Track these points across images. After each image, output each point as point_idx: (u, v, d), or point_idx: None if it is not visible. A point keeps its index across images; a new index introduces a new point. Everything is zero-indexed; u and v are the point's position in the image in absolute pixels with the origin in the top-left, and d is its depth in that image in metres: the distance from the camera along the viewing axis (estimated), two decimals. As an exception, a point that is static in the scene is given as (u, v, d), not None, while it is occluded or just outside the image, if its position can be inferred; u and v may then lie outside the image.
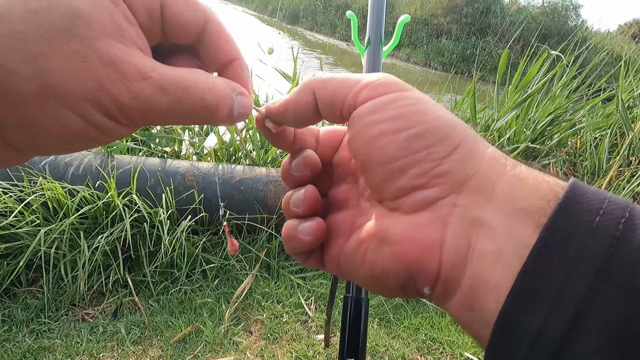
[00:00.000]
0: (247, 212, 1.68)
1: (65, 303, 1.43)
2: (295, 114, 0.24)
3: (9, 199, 1.41)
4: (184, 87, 0.19)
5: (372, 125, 0.21)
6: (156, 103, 0.18)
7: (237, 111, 0.21)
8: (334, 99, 0.22)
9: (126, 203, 1.52)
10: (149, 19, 0.19)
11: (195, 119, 0.20)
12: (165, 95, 0.18)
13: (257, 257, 1.70)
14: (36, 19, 0.15)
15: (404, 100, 0.21)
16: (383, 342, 1.43)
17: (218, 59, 0.22)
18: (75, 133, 0.17)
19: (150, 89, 0.18)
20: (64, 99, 0.16)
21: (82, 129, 0.17)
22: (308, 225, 0.24)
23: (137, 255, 1.54)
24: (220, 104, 0.20)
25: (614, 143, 2.26)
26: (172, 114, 0.19)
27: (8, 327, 1.33)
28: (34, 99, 0.16)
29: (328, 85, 0.22)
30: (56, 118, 0.17)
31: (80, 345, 1.30)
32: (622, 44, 10.58)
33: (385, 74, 0.22)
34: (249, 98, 0.22)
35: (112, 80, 0.17)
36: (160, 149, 2.03)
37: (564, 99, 2.51)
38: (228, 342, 1.37)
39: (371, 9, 0.66)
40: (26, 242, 1.40)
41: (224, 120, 0.21)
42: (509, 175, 0.19)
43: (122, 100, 0.17)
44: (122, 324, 1.38)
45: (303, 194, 0.25)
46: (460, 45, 11.70)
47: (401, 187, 0.20)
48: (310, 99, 0.23)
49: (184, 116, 0.19)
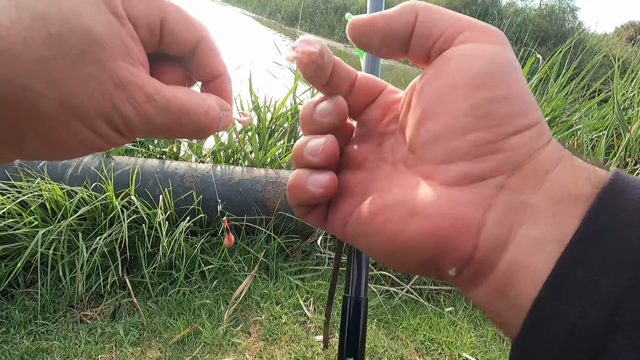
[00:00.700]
0: (246, 213, 1.68)
1: (64, 304, 1.43)
2: (385, 33, 0.21)
3: (7, 200, 1.40)
4: (184, 110, 0.21)
5: (458, 71, 0.19)
6: (158, 122, 0.20)
7: (222, 125, 0.23)
8: (434, 27, 0.20)
9: (124, 204, 1.52)
10: (149, 34, 0.21)
11: (187, 135, 0.22)
12: (167, 116, 0.20)
13: (256, 258, 1.71)
14: (56, 43, 0.17)
15: (503, 56, 0.19)
16: (382, 343, 1.43)
17: (206, 73, 0.24)
18: (84, 143, 0.19)
19: (154, 110, 0.20)
20: (82, 116, 0.18)
21: (91, 140, 0.19)
22: (321, 177, 0.22)
23: (135, 256, 1.54)
24: (213, 125, 0.22)
25: (610, 144, 2.28)
26: (170, 132, 0.21)
27: (6, 329, 1.32)
28: (56, 117, 0.18)
29: (433, 10, 0.21)
30: (71, 129, 0.18)
31: (79, 346, 1.30)
32: (619, 46, 10.64)
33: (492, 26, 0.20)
34: (232, 113, 0.24)
35: (122, 101, 0.19)
36: (159, 150, 2.03)
37: (561, 100, 2.53)
38: (227, 344, 1.37)
39: (369, 12, 0.67)
40: (24, 243, 1.39)
41: (210, 134, 0.23)
42: (564, 162, 0.18)
43: (129, 118, 0.19)
44: (120, 326, 1.38)
45: (323, 143, 0.22)
46: (458, 47, 11.76)
47: (452, 151, 0.19)
48: (411, 18, 0.20)
49: (180, 133, 0.22)
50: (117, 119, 0.19)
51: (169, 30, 0.21)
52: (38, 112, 0.17)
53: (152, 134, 0.21)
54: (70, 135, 0.19)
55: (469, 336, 1.50)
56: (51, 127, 0.18)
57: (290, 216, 1.71)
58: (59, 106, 0.18)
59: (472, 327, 1.56)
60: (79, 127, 0.19)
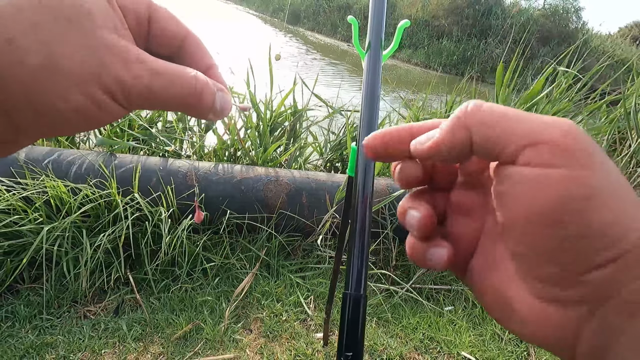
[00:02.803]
0: (248, 211, 1.69)
1: (68, 300, 1.45)
2: (450, 156, 0.20)
3: (12, 196, 1.42)
4: (175, 72, 0.21)
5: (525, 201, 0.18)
6: (154, 86, 0.20)
7: (220, 104, 0.23)
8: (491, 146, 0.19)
9: (128, 201, 1.54)
10: (137, 25, 0.22)
11: (183, 103, 0.22)
12: (160, 78, 0.20)
13: (257, 256, 1.72)
14: (46, 10, 0.17)
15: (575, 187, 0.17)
16: (381, 341, 1.44)
17: (197, 67, 0.24)
18: (77, 110, 0.19)
19: (146, 71, 0.20)
20: (70, 76, 0.18)
21: (84, 106, 0.19)
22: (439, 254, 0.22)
23: (138, 253, 1.56)
24: (205, 91, 0.22)
25: (613, 147, 2.27)
26: (164, 97, 0.21)
27: (11, 323, 1.34)
28: (42, 71, 0.17)
29: (487, 123, 0.19)
30: (62, 95, 0.18)
31: (82, 341, 1.31)
32: (623, 46, 10.59)
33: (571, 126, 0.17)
34: (228, 95, 0.25)
35: (114, 62, 0.19)
36: (161, 148, 2.05)
37: (565, 102, 2.52)
38: (228, 340, 1.38)
39: (372, 13, 0.68)
40: (29, 239, 1.41)
41: (208, 110, 0.23)
42: None
43: (123, 79, 0.19)
44: (123, 321, 1.39)
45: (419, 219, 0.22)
46: (461, 46, 11.71)
47: (537, 274, 0.19)
48: (466, 137, 0.19)
49: (174, 99, 0.21)
50: (109, 81, 0.19)
51: (156, 24, 0.22)
52: (25, 66, 0.17)
53: (149, 102, 0.21)
54: (63, 102, 0.18)
55: (467, 335, 1.51)
56: (41, 91, 0.18)
57: (292, 215, 1.72)
58: (46, 64, 0.17)
59: (471, 326, 1.57)
60: (72, 94, 0.18)
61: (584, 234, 0.17)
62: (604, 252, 0.17)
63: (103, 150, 1.85)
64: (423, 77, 9.08)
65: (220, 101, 0.24)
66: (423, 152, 0.21)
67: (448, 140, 0.20)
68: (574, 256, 0.17)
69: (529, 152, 0.17)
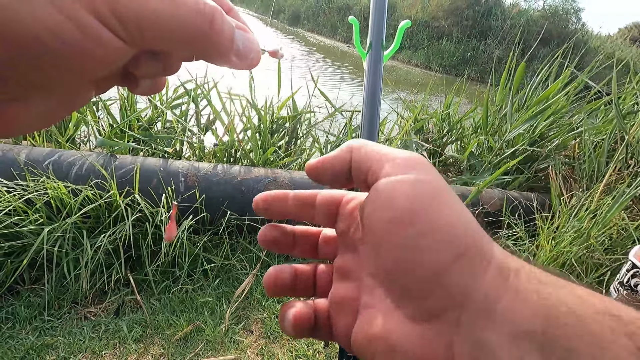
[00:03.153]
0: (248, 212, 1.69)
1: (68, 301, 1.45)
2: (333, 170, 0.25)
3: (12, 197, 1.42)
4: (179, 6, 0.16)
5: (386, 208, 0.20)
6: (158, 8, 0.16)
7: (242, 43, 0.19)
8: (363, 163, 0.23)
9: (128, 202, 1.54)
10: None
11: (192, 33, 0.17)
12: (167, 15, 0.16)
13: (258, 257, 1.72)
14: None
15: (422, 187, 0.20)
16: (382, 342, 1.44)
17: None
18: (56, 34, 0.15)
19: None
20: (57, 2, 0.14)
21: (75, 38, 0.15)
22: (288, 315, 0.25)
23: (138, 254, 1.56)
24: (216, 16, 0.17)
25: (613, 147, 2.28)
26: (168, 21, 0.16)
27: (12, 325, 1.34)
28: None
29: (363, 148, 0.23)
30: (46, 22, 0.14)
31: (83, 342, 1.31)
32: (622, 47, 10.60)
33: (414, 154, 0.22)
34: (252, 34, 0.21)
35: None
36: (161, 149, 2.05)
37: (563, 102, 2.52)
38: (229, 341, 1.38)
39: (372, 14, 0.68)
40: (30, 240, 1.41)
41: (228, 47, 0.19)
42: (511, 290, 0.18)
43: (120, 2, 0.15)
44: (124, 322, 1.39)
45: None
46: (461, 47, 11.73)
47: (404, 288, 0.20)
48: (348, 157, 0.24)
49: (180, 25, 0.17)
50: (100, 4, 0.15)
51: None
52: None
53: (151, 29, 0.16)
54: (41, 26, 0.14)
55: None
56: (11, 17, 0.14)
57: (292, 215, 1.72)
58: None
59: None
60: (51, 13, 0.14)
61: (432, 230, 0.19)
62: (452, 246, 0.18)
63: (103, 151, 1.85)
64: (423, 78, 9.08)
65: (242, 39, 0.19)
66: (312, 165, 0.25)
67: (332, 156, 0.24)
68: (426, 256, 0.18)
69: (388, 166, 0.21)
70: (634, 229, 1.77)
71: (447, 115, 2.71)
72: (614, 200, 1.74)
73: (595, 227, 1.72)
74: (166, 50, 0.19)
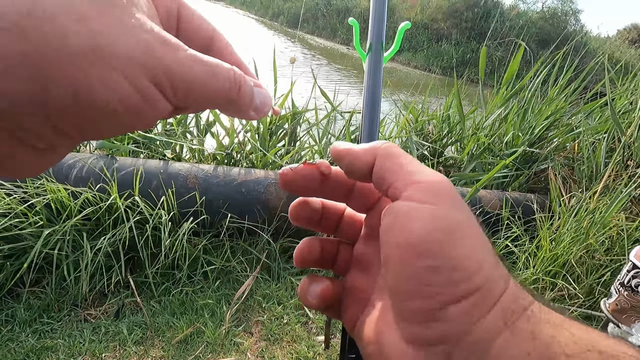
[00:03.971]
0: (248, 214, 1.69)
1: (68, 303, 1.44)
2: (350, 166, 0.24)
3: (12, 200, 1.42)
4: (214, 62, 0.20)
5: (401, 232, 0.20)
6: (196, 72, 0.18)
7: (259, 99, 0.23)
8: (385, 175, 0.22)
9: (128, 205, 1.54)
10: (167, 20, 0.21)
11: (224, 97, 0.20)
12: (203, 66, 0.19)
13: (258, 259, 1.72)
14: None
15: (443, 221, 0.19)
16: (383, 344, 1.44)
17: None
18: (123, 101, 0.17)
19: (189, 58, 0.18)
20: (114, 59, 0.16)
21: (130, 96, 0.17)
22: (315, 288, 0.26)
23: (139, 256, 1.55)
24: (242, 83, 0.21)
25: (611, 147, 2.28)
26: (207, 89, 0.19)
27: (11, 327, 1.34)
28: (84, 55, 0.15)
29: (389, 159, 0.23)
30: (107, 82, 0.16)
31: (83, 345, 1.31)
32: (621, 48, 10.63)
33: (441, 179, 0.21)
34: (266, 90, 0.24)
35: (158, 46, 0.17)
36: (161, 151, 2.05)
37: (562, 102, 2.53)
38: (229, 343, 1.38)
39: (372, 16, 0.68)
40: (30, 243, 1.41)
41: (248, 106, 0.22)
42: (508, 331, 0.18)
43: (167, 63, 0.17)
44: (124, 325, 1.39)
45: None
46: (460, 49, 11.76)
47: (404, 311, 0.20)
48: (370, 161, 0.23)
49: (216, 93, 0.20)
50: (159, 71, 0.17)
51: (186, 21, 0.22)
52: (66, 47, 0.15)
53: (193, 95, 0.19)
54: (110, 92, 0.16)
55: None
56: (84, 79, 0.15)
57: (292, 217, 1.72)
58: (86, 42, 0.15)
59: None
60: (118, 81, 0.16)
61: (444, 265, 0.19)
62: (461, 284, 0.18)
63: (103, 153, 1.85)
64: (423, 79, 9.10)
65: (259, 96, 0.23)
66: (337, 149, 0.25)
67: (356, 153, 0.24)
68: (434, 288, 0.19)
69: (411, 189, 0.21)
70: (634, 229, 1.77)
71: (447, 117, 2.72)
72: (611, 200, 1.75)
73: (594, 227, 1.72)
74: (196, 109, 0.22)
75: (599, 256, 1.72)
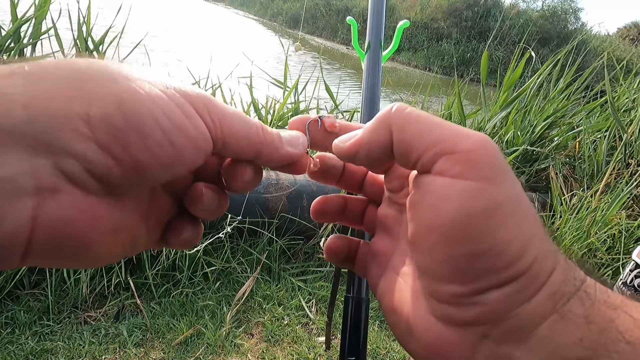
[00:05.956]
0: (248, 214, 1.69)
1: (68, 306, 1.44)
2: (369, 158, 0.21)
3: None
4: (244, 116, 0.22)
5: (434, 212, 0.17)
6: (231, 113, 0.21)
7: (289, 136, 0.24)
8: (410, 147, 0.18)
9: (128, 206, 1.53)
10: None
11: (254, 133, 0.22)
12: (235, 114, 0.21)
13: (258, 260, 1.71)
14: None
15: (482, 201, 0.17)
16: (384, 345, 1.43)
17: None
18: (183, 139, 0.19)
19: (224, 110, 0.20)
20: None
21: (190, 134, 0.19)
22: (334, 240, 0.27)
23: (138, 258, 1.55)
24: (265, 126, 0.23)
25: (613, 145, 2.27)
26: (246, 137, 0.21)
27: (11, 330, 1.33)
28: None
29: (409, 127, 0.19)
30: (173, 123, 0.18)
31: (83, 347, 1.31)
32: (622, 47, 10.62)
33: (481, 141, 0.17)
34: (290, 131, 0.25)
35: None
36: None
37: (563, 101, 2.52)
38: (229, 345, 1.37)
39: (371, 15, 0.68)
40: (29, 245, 1.41)
41: (278, 142, 0.23)
42: (554, 317, 0.16)
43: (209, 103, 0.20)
44: (124, 327, 1.39)
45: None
46: (461, 48, 11.75)
47: (437, 292, 0.18)
48: (387, 139, 0.19)
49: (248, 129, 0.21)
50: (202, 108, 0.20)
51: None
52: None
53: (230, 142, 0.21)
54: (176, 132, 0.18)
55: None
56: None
57: (293, 218, 1.71)
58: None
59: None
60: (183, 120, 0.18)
61: (485, 252, 0.16)
62: (504, 270, 0.16)
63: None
64: (423, 79, 9.10)
65: (286, 135, 0.24)
66: (343, 151, 0.21)
67: (367, 139, 0.20)
68: (473, 275, 0.17)
69: (444, 161, 0.17)
70: (635, 228, 1.76)
71: (449, 116, 2.71)
72: (613, 198, 1.74)
73: (595, 226, 1.72)
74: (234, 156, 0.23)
75: (600, 255, 1.71)
